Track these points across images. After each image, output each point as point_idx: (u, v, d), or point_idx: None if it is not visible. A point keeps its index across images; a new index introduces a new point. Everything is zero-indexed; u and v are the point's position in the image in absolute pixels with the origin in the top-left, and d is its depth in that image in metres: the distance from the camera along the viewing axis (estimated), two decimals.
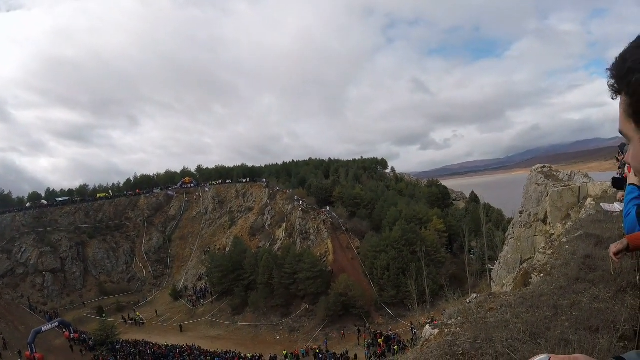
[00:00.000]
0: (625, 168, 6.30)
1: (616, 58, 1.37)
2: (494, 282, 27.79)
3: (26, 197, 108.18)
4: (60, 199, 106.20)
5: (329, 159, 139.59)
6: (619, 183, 6.99)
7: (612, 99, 1.42)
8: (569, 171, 24.61)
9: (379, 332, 57.89)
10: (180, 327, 71.66)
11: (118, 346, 63.61)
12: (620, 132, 1.49)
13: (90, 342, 64.65)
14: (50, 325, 65.42)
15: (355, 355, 50.19)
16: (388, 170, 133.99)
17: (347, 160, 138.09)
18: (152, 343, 64.23)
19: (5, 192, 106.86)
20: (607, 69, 1.41)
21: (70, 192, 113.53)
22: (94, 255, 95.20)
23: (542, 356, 1.38)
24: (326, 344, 57.39)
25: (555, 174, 24.85)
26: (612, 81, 1.38)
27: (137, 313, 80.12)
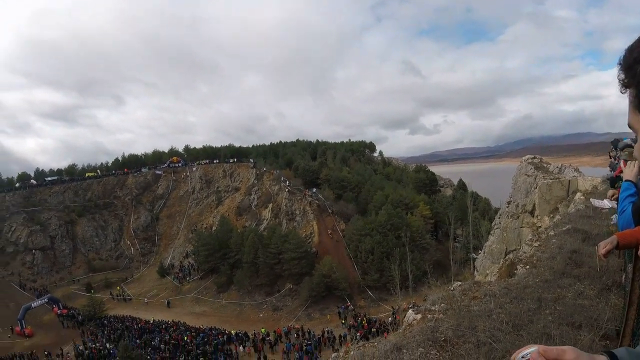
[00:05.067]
0: (620, 163, 6.32)
1: (625, 50, 1.38)
2: (477, 271, 27.96)
3: (15, 178, 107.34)
4: (49, 178, 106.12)
5: (317, 140, 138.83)
6: (613, 182, 7.01)
7: (622, 92, 1.43)
8: (560, 164, 24.70)
9: (361, 314, 58.41)
10: (168, 303, 72.15)
11: (106, 321, 64.33)
12: (629, 126, 1.50)
13: (79, 318, 65.17)
14: (39, 302, 66.34)
15: (340, 336, 50.58)
16: (376, 154, 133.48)
17: (335, 143, 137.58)
18: (138, 318, 64.81)
19: None
20: (617, 63, 1.42)
21: (59, 172, 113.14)
22: (83, 233, 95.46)
23: (532, 348, 1.40)
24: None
25: (545, 165, 24.88)
26: (622, 75, 1.38)
27: (118, 288, 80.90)
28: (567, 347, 1.39)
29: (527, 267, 8.99)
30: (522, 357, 1.41)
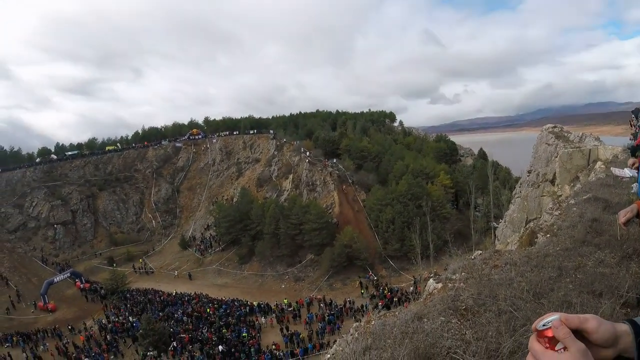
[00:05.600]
0: (639, 134, 6.25)
1: None
2: (498, 240, 27.85)
3: (36, 153, 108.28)
4: (69, 152, 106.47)
5: (337, 111, 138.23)
6: (634, 150, 6.94)
7: None
8: (580, 133, 24.29)
9: (383, 283, 58.77)
10: (190, 275, 73.09)
11: (128, 295, 65.09)
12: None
13: (102, 291, 65.99)
14: (62, 276, 66.85)
15: (362, 306, 50.99)
16: (396, 124, 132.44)
17: (355, 113, 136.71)
18: (161, 291, 65.73)
19: (15, 149, 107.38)
20: None
21: (79, 146, 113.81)
22: (104, 207, 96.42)
23: (554, 316, 1.43)
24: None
25: (566, 134, 24.49)
26: None
27: (140, 261, 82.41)
28: (589, 315, 1.43)
29: (548, 235, 8.95)
30: (544, 325, 1.44)
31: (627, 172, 8.50)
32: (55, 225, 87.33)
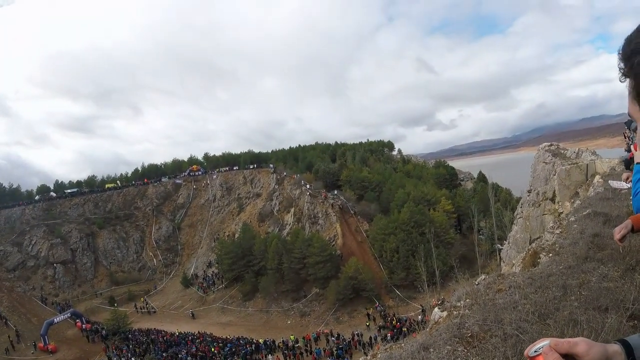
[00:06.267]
0: (632, 147, 6.22)
1: (624, 40, 1.39)
2: (503, 261, 27.75)
3: (35, 190, 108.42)
4: (68, 190, 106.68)
5: (336, 142, 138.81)
6: (628, 163, 6.92)
7: (621, 81, 1.43)
8: (577, 148, 24.47)
9: (390, 314, 58.18)
10: (192, 314, 72.26)
11: (130, 335, 64.43)
12: (629, 115, 1.48)
13: (103, 332, 65.27)
14: (62, 317, 66.19)
15: (371, 338, 50.37)
16: (395, 152, 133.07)
17: (354, 144, 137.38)
18: (164, 331, 64.99)
19: (14, 186, 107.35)
20: (617, 52, 1.42)
21: (78, 184, 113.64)
22: (104, 245, 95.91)
23: (544, 342, 1.42)
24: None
25: (562, 151, 24.71)
26: (621, 64, 1.39)
27: (142, 300, 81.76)
28: (579, 339, 1.42)
29: (550, 255, 8.89)
30: (535, 351, 1.42)
31: (625, 184, 8.49)
32: (54, 265, 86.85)
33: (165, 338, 61.90)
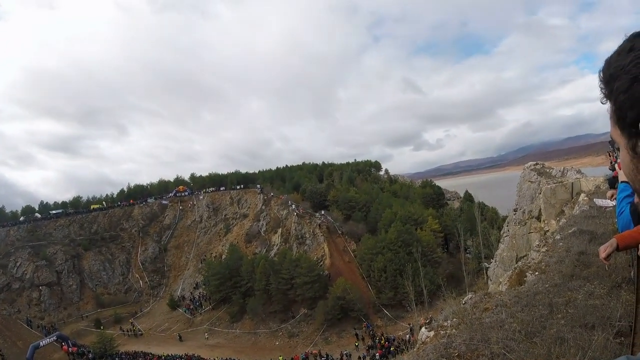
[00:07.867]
0: (616, 166, 6.29)
1: (604, 62, 1.38)
2: (490, 280, 27.82)
3: (19, 211, 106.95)
4: (53, 211, 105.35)
5: (323, 162, 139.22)
6: (612, 182, 6.98)
7: (602, 103, 1.42)
8: (562, 167, 24.73)
9: (379, 333, 57.92)
10: (180, 336, 71.35)
11: (117, 358, 63.32)
12: (611, 137, 1.48)
13: (90, 355, 64.24)
14: (48, 340, 64.83)
15: (359, 358, 50.08)
16: (382, 172, 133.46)
17: (341, 164, 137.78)
18: (151, 354, 64.05)
19: None
20: (598, 73, 1.41)
21: (63, 205, 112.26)
22: (90, 267, 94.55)
23: None
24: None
25: (548, 170, 24.96)
26: (602, 86, 1.38)
27: (130, 321, 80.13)
28: None
29: (536, 273, 8.92)
30: None
31: (610, 202, 8.56)
32: (40, 287, 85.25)
33: None
